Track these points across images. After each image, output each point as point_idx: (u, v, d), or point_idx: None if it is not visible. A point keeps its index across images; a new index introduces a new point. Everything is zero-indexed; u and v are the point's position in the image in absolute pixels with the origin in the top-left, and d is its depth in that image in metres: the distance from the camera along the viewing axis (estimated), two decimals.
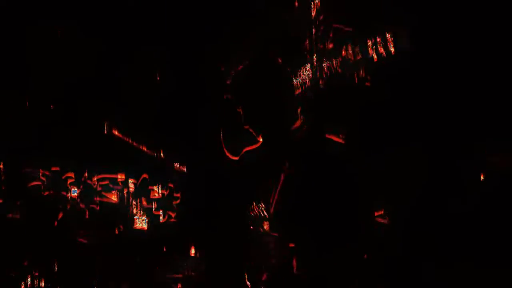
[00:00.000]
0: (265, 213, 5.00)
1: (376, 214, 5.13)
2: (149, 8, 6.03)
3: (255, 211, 5.07)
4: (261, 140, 5.32)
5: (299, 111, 5.16)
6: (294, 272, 4.81)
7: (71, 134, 5.95)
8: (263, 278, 4.94)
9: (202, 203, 5.67)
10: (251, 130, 5.43)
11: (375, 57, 5.28)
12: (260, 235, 5.02)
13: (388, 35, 5.25)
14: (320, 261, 4.74)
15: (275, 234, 4.97)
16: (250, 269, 5.09)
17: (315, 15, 5.62)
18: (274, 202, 4.96)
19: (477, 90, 5.46)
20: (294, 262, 4.82)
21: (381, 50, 5.27)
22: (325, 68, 5.44)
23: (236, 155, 5.51)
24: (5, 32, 6.03)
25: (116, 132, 6.04)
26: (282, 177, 4.96)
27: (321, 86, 5.38)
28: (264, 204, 5.05)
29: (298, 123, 5.13)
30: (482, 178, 5.40)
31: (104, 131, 6.05)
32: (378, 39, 5.29)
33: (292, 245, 4.84)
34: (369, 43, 5.35)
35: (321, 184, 4.79)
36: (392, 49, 5.18)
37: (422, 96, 5.48)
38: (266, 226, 4.99)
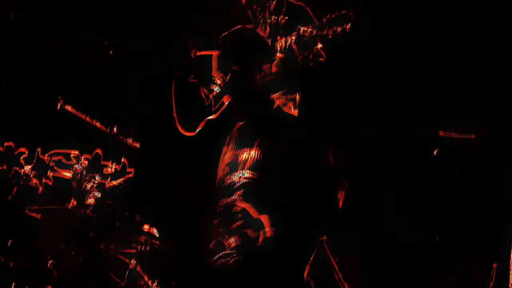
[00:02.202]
0: (234, 183, 5.01)
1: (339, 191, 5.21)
2: None
3: (222, 181, 5.08)
4: (225, 103, 5.35)
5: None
6: (261, 242, 4.87)
7: (24, 109, 5.94)
8: (229, 249, 4.97)
9: (156, 177, 5.71)
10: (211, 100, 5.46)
11: (330, 34, 5.32)
12: (227, 206, 5.04)
13: (344, 12, 5.29)
14: (286, 233, 4.80)
15: (244, 205, 4.99)
16: (215, 240, 5.12)
17: None
18: (245, 173, 4.98)
19: (437, 72, 5.56)
20: (262, 233, 4.87)
21: (337, 28, 5.31)
22: (279, 45, 5.46)
23: (191, 130, 5.53)
24: None
25: (69, 108, 6.00)
26: (254, 147, 4.99)
27: (276, 63, 5.41)
28: (233, 174, 5.06)
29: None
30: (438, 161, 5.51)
31: (57, 107, 6.01)
32: (334, 16, 5.33)
33: (261, 216, 4.89)
34: (324, 20, 5.39)
35: (291, 159, 4.84)
36: (348, 27, 5.22)
37: (378, 76, 5.57)
38: (234, 196, 5.00)
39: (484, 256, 5.17)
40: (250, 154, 5.12)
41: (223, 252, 5.08)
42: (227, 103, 5.46)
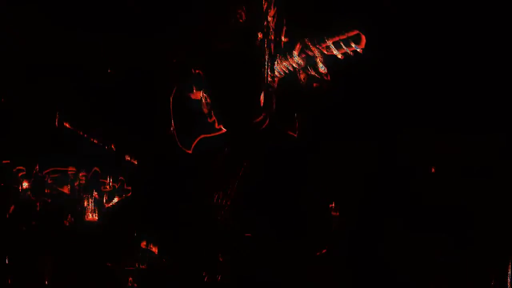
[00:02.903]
0: (221, 203, 5.03)
1: (329, 206, 5.24)
2: None
3: (211, 201, 5.10)
4: (223, 129, 5.34)
5: (262, 105, 5.18)
6: (247, 261, 4.89)
7: (22, 127, 5.94)
8: (218, 268, 4.99)
9: (152, 194, 5.70)
10: (213, 118, 5.44)
11: (337, 54, 5.29)
12: (216, 225, 5.06)
13: (348, 33, 5.27)
14: (275, 252, 4.82)
15: (232, 224, 5.02)
16: (205, 259, 5.13)
17: (266, 8, 5.62)
18: (232, 193, 5.00)
19: (435, 88, 5.60)
20: (249, 251, 4.89)
21: (342, 48, 5.28)
22: (281, 63, 5.44)
23: (189, 147, 5.52)
24: None
25: (67, 125, 6.01)
26: (241, 168, 5.01)
27: (278, 81, 5.40)
28: (221, 194, 5.09)
29: (260, 117, 5.16)
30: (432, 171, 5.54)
31: (55, 124, 6.01)
32: (338, 38, 5.31)
33: (248, 234, 4.91)
34: (328, 41, 5.36)
35: (278, 177, 4.86)
36: (353, 47, 5.19)
37: (378, 94, 5.59)
38: (222, 216, 5.03)
39: (483, 264, 5.21)
40: (238, 172, 5.13)
41: (212, 269, 5.10)
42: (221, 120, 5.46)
